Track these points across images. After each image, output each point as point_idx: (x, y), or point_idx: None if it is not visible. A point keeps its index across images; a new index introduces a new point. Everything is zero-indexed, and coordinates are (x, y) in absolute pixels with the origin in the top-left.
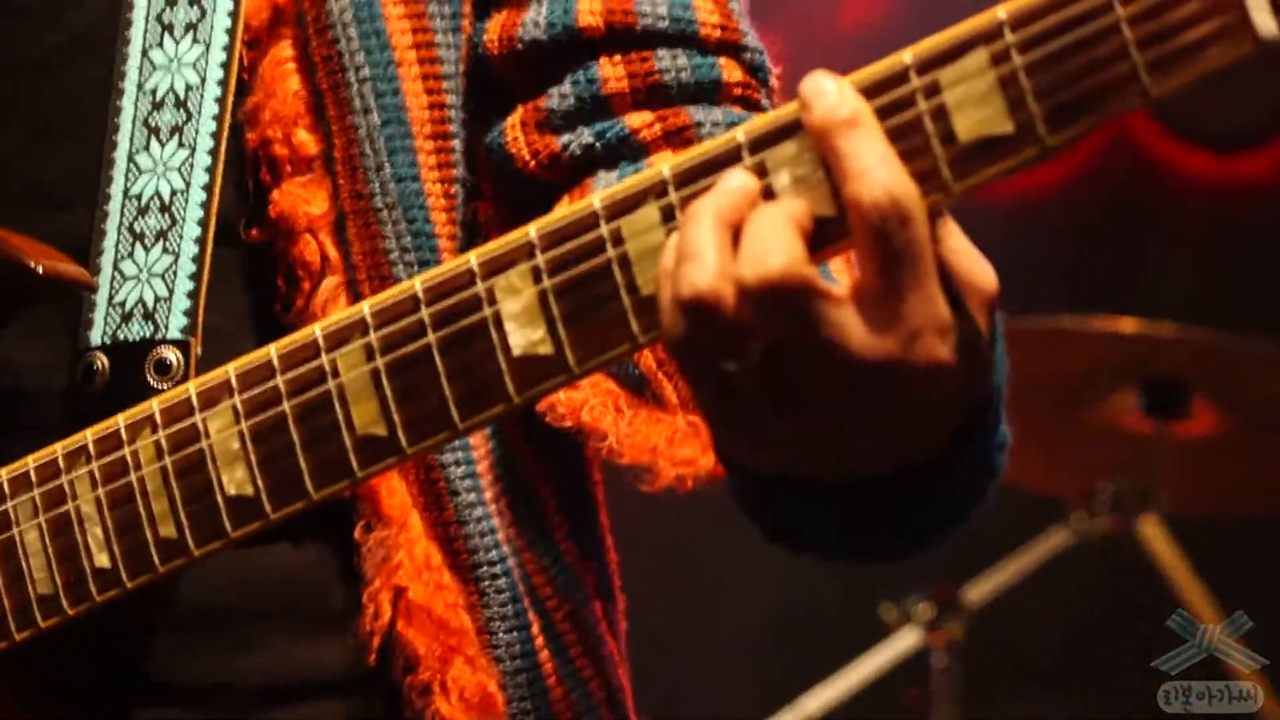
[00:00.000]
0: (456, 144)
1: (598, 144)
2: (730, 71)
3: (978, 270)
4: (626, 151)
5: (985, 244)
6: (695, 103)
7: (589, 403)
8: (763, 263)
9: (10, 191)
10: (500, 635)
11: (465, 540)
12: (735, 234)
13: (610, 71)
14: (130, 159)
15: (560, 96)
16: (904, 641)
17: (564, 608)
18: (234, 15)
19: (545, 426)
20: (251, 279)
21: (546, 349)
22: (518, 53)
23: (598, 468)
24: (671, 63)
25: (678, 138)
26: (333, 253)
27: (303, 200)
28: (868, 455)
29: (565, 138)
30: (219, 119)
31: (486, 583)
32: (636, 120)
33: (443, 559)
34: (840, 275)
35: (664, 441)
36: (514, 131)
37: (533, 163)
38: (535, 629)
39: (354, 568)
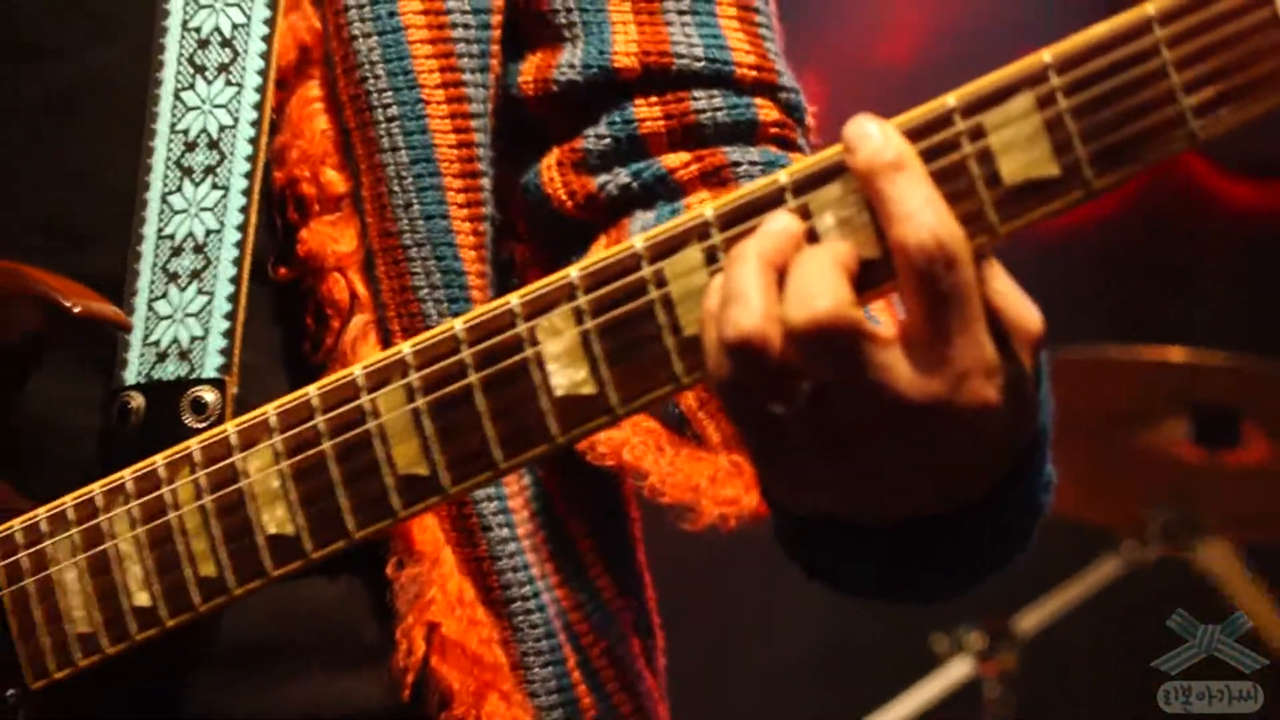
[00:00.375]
0: (485, 182)
1: (634, 184)
2: (766, 111)
3: (1023, 311)
4: (663, 191)
5: (1031, 274)
6: (732, 142)
7: (630, 442)
8: (810, 305)
9: (30, 229)
10: (535, 670)
11: (498, 575)
12: (780, 276)
13: (646, 112)
14: (163, 200)
15: (596, 137)
16: (955, 672)
17: (600, 644)
18: (266, 57)
19: (579, 463)
20: (280, 317)
21: (589, 389)
22: (553, 94)
23: (635, 505)
24: (708, 103)
25: (715, 177)
26: (362, 291)
27: (331, 239)
28: (911, 497)
29: (602, 178)
30: (252, 160)
31: (520, 618)
32: (673, 160)
33: (476, 595)
34: (881, 315)
35: (706, 480)
36: (550, 172)
37: (569, 203)
38: (571, 664)
39: (387, 604)
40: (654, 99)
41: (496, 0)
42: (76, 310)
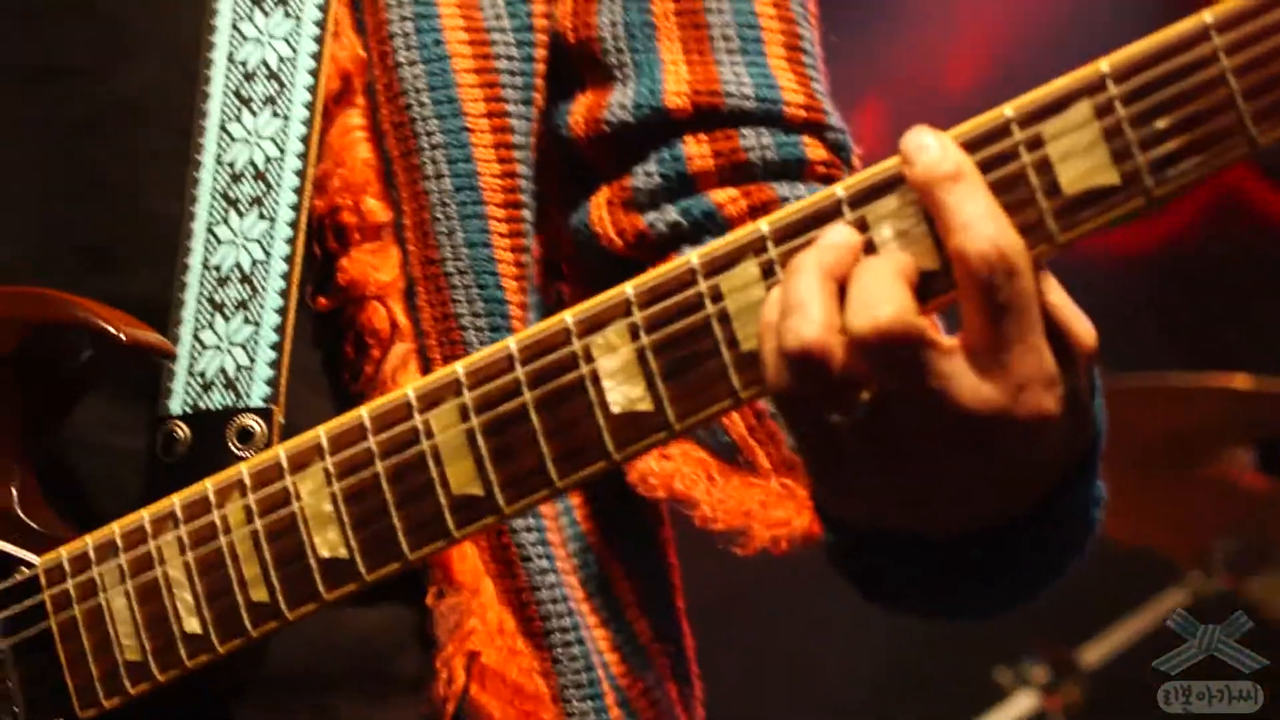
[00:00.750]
0: (527, 214)
1: (683, 221)
2: (814, 150)
3: (1078, 322)
4: (712, 227)
5: (1092, 299)
6: (780, 179)
7: (680, 471)
8: (874, 313)
9: (60, 252)
10: (575, 704)
11: (538, 606)
12: (839, 288)
13: (696, 150)
14: (209, 230)
15: (646, 175)
16: (1020, 705)
17: (638, 684)
18: (313, 90)
19: (618, 504)
20: (319, 345)
21: (646, 406)
22: (605, 135)
23: (673, 552)
24: (756, 141)
25: (763, 213)
26: (402, 320)
27: (372, 267)
28: (968, 507)
29: (651, 216)
30: (299, 191)
31: (560, 649)
32: (721, 196)
33: (516, 625)
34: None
35: (757, 505)
36: (599, 211)
37: (619, 242)
38: (610, 700)
39: (427, 633)
40: (703, 137)
41: (540, 34)
42: (125, 339)
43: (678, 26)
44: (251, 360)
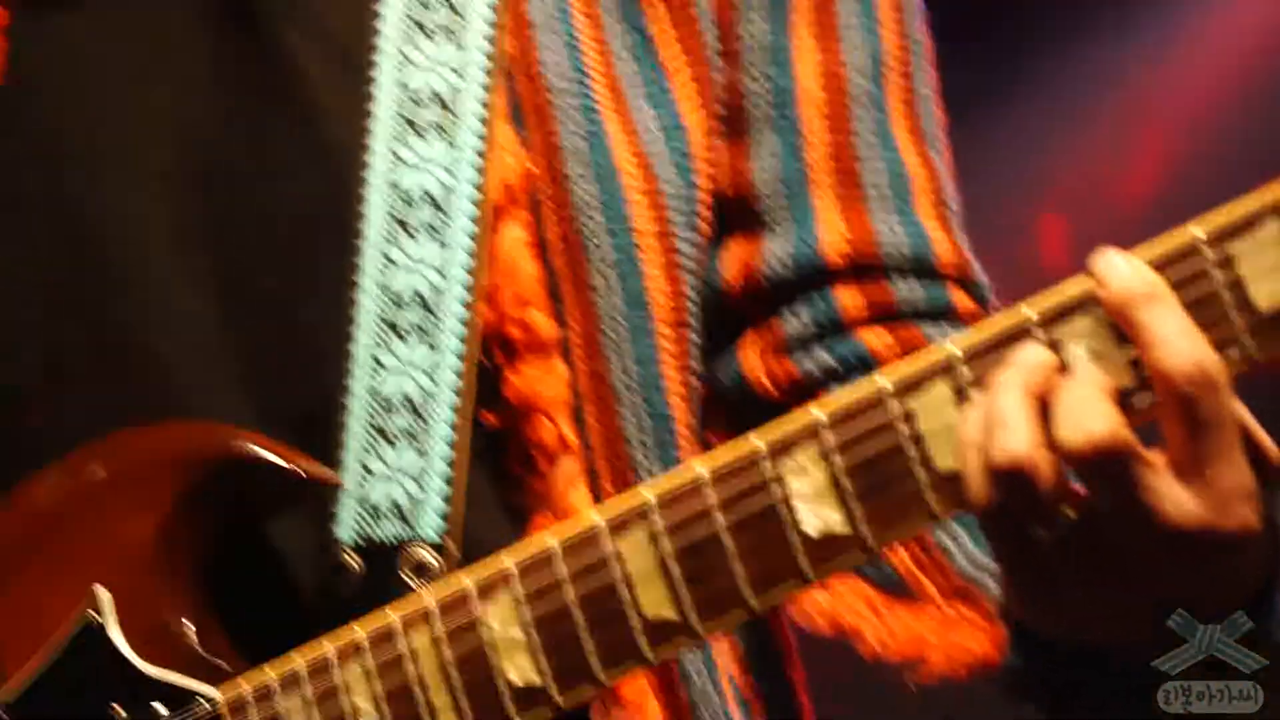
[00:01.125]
0: (694, 335)
1: (838, 365)
2: (961, 300)
3: (1263, 436)
4: (864, 370)
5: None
6: (925, 321)
7: (844, 605)
8: (1085, 428)
9: (221, 360)
10: None
11: None
12: (1040, 405)
13: (850, 300)
14: (373, 357)
15: (800, 324)
16: None
17: None
18: (478, 221)
19: (767, 638)
20: (485, 461)
21: (842, 529)
22: (759, 287)
23: (806, 693)
24: (908, 291)
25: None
26: (570, 436)
27: (539, 382)
28: (1165, 620)
29: (806, 364)
30: (467, 323)
31: None
32: (874, 339)
33: None
34: None
35: (932, 632)
36: (751, 360)
37: (773, 389)
38: None
39: None
40: (855, 286)
41: (701, 163)
42: (300, 475)
43: (829, 175)
44: (422, 490)
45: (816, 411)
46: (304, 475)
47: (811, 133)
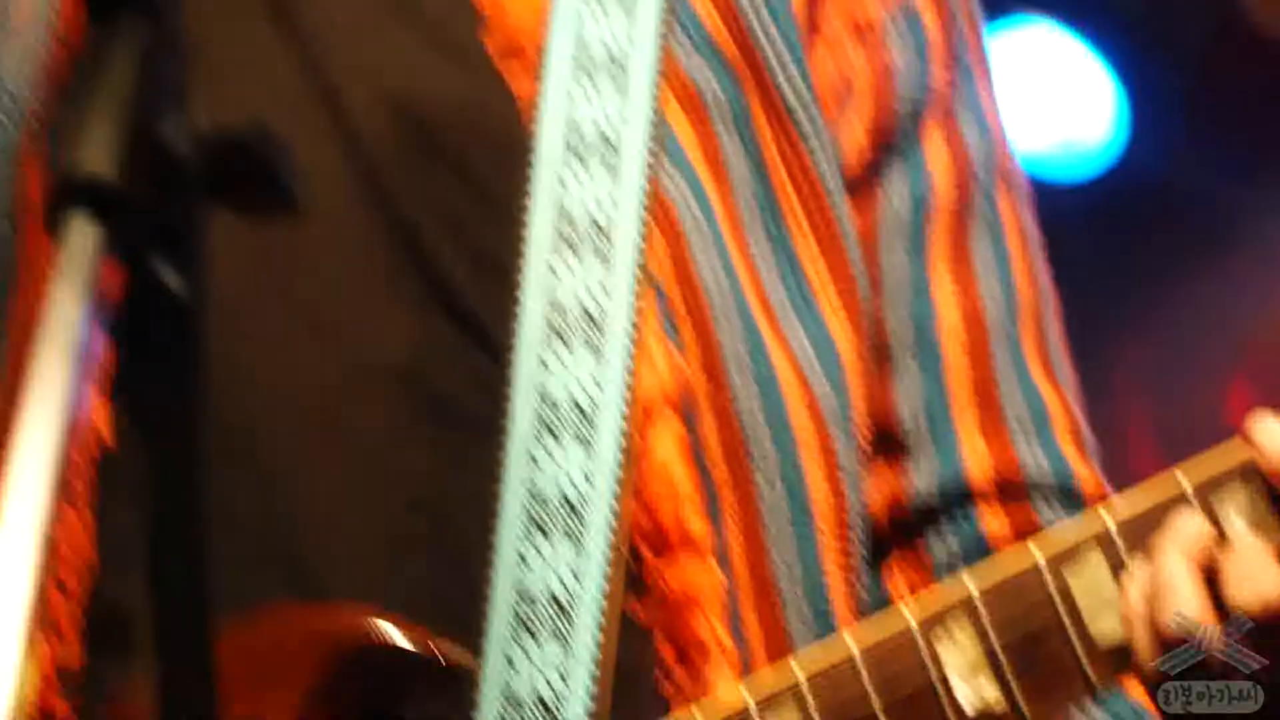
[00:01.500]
0: (854, 536)
1: None
2: None
3: None
4: None
5: None
6: None
7: None
8: (1261, 592)
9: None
10: None
11: None
12: (1204, 574)
13: (995, 525)
14: (518, 554)
15: (946, 550)
16: None
17: None
18: (626, 436)
19: None
20: (634, 655)
21: (1000, 705)
22: (905, 514)
23: None
24: (1051, 515)
25: None
26: (726, 639)
27: (696, 580)
28: None
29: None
30: (614, 530)
31: None
32: None
33: None
34: None
35: None
36: (896, 584)
37: None
38: None
39: None
40: (999, 509)
41: (851, 375)
42: (442, 663)
43: (971, 404)
44: (567, 685)
45: (969, 585)
46: (442, 660)
47: (953, 363)
